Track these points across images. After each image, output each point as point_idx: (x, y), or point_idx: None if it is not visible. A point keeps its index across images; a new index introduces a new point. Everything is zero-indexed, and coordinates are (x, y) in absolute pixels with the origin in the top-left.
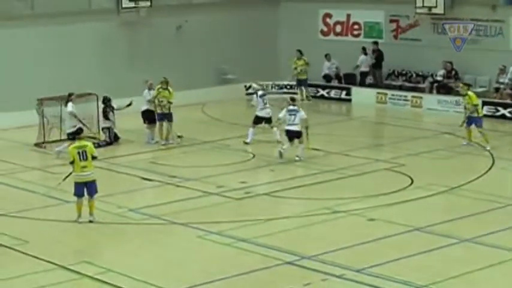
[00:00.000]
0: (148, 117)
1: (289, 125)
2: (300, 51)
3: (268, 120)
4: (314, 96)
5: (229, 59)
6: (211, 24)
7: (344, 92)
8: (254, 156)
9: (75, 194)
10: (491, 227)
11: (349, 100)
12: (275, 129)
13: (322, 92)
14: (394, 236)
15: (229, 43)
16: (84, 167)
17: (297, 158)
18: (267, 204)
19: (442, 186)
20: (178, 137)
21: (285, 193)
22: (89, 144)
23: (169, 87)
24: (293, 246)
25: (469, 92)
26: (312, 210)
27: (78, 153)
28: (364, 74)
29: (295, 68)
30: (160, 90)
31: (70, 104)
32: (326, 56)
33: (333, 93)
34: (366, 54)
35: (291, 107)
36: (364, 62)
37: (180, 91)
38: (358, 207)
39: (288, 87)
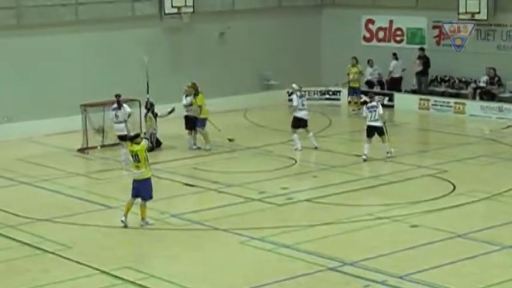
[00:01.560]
0: (187, 122)
1: (370, 121)
2: (355, 58)
3: (304, 124)
4: (356, 102)
5: (271, 65)
6: (254, 30)
7: (387, 98)
8: (296, 162)
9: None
10: None
11: (392, 106)
12: (311, 134)
13: (364, 97)
14: (436, 243)
15: (271, 49)
16: (137, 166)
17: (388, 154)
18: (309, 210)
19: (484, 192)
20: (230, 140)
21: (328, 199)
22: (139, 148)
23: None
24: (335, 252)
25: None
26: (354, 216)
27: (132, 156)
28: (395, 80)
29: (348, 74)
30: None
31: (126, 105)
32: (368, 61)
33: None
34: (397, 59)
35: (370, 104)
36: (396, 68)
37: (223, 97)
38: (401, 214)
39: (331, 92)
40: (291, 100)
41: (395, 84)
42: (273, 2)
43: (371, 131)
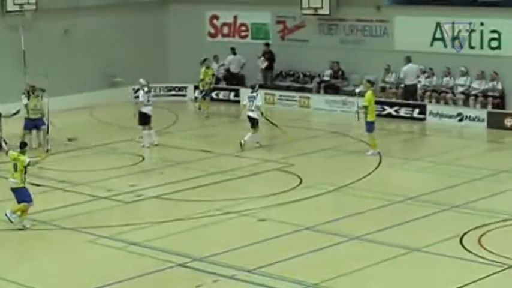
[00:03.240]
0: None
1: (248, 110)
2: (207, 59)
3: (148, 120)
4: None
5: (117, 62)
6: (100, 27)
7: (233, 94)
8: (143, 159)
9: None
10: (380, 224)
11: (238, 101)
12: (153, 130)
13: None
14: (284, 236)
15: (117, 46)
16: (13, 175)
17: (257, 145)
18: (158, 207)
19: (330, 185)
20: (69, 140)
21: (176, 195)
22: (21, 159)
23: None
24: (184, 248)
25: (369, 91)
26: (202, 211)
27: (14, 164)
28: (232, 75)
29: (203, 79)
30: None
31: None
32: (214, 57)
33: (221, 95)
34: (235, 54)
35: (250, 94)
36: (232, 62)
37: (68, 95)
38: (248, 208)
39: (177, 89)
40: (137, 97)
41: (233, 79)
42: None
43: (250, 121)
